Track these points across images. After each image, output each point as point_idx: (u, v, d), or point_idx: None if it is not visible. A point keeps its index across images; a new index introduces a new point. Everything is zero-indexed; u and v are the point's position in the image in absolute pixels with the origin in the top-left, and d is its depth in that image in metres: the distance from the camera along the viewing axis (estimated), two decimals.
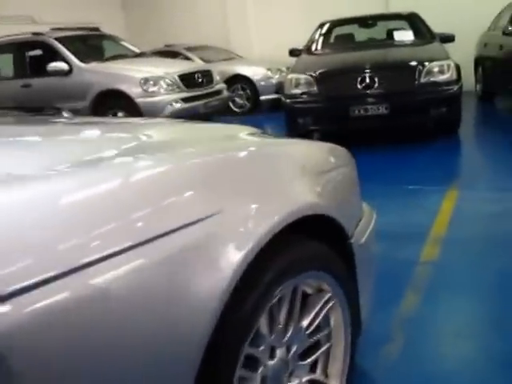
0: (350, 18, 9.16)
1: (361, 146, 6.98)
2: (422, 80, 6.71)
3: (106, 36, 11.05)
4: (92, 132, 2.13)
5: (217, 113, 9.73)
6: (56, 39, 9.44)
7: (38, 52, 9.76)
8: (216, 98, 9.47)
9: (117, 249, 1.12)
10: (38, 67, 9.26)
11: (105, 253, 1.09)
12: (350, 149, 2.31)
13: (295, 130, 7.36)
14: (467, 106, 8.34)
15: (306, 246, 1.76)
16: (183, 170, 1.42)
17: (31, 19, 13.08)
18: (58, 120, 3.26)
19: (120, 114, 8.73)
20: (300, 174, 1.82)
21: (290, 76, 7.37)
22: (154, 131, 2.02)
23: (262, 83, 11.37)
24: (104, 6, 15.26)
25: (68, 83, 8.99)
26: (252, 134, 2.15)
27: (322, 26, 8.95)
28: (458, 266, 3.49)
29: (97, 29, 13.10)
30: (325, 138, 7.77)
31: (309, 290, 1.82)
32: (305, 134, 7.28)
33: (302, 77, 7.08)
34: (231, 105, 11.45)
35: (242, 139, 2.03)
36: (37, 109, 6.79)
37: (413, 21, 8.64)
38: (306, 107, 7.08)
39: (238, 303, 1.39)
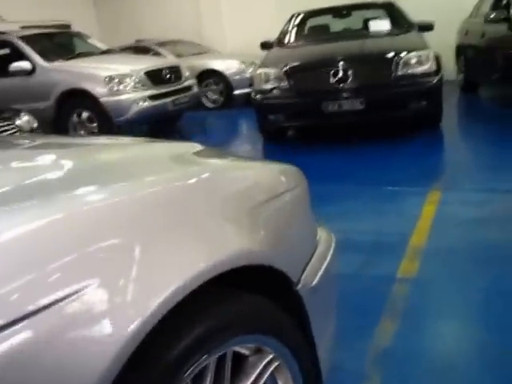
0: (324, 8, 8.83)
1: (334, 143, 6.68)
2: (399, 72, 6.37)
3: (73, 33, 10.71)
4: None
5: (188, 109, 9.43)
6: (19, 38, 9.15)
7: (3, 51, 9.42)
8: (185, 95, 9.11)
9: None
10: (1, 67, 8.92)
11: None
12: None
13: (266, 128, 7.12)
14: (449, 97, 8.11)
15: (231, 305, 1.37)
16: (56, 226, 1.07)
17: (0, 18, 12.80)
18: None
19: (85, 115, 8.46)
20: (235, 209, 1.46)
21: (259, 70, 7.04)
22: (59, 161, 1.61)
23: (236, 77, 11.11)
24: (75, 3, 15.09)
25: (31, 83, 8.71)
26: (193, 154, 1.78)
27: (294, 17, 8.63)
28: (441, 284, 3.14)
29: (68, 26, 12.82)
30: (299, 133, 7.48)
31: (245, 352, 1.43)
32: (278, 131, 7.17)
33: (272, 71, 6.75)
34: (204, 100, 11.21)
35: (167, 167, 1.64)
36: None
37: (389, 10, 8.32)
38: (276, 103, 6.75)
39: None
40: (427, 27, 7.60)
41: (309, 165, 5.49)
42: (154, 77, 8.63)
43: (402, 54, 6.43)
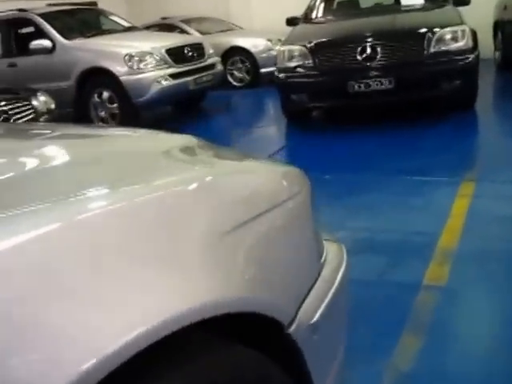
0: None
1: (360, 125, 6.39)
2: (432, 49, 6.04)
3: (96, 10, 10.54)
4: None
5: (212, 88, 9.19)
6: (40, 15, 9.01)
7: (26, 30, 9.39)
8: (208, 73, 8.85)
9: None
10: (23, 46, 8.86)
11: None
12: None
13: (289, 108, 6.87)
14: (485, 76, 7.68)
15: (201, 361, 1.05)
16: None
17: None
18: None
19: (105, 95, 8.25)
20: (218, 233, 1.13)
21: (283, 47, 6.81)
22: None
23: (263, 55, 10.88)
24: None
25: (52, 61, 8.58)
26: (181, 151, 1.50)
27: None
28: (474, 292, 2.87)
29: (94, 3, 12.63)
30: (324, 115, 7.41)
31: None
32: (301, 112, 6.96)
33: (296, 48, 6.49)
34: (230, 78, 11.04)
35: (147, 171, 1.30)
36: (10, 91, 6.33)
37: None
38: (300, 82, 6.48)
39: None
40: (463, 2, 7.23)
41: (331, 150, 5.09)
42: (176, 55, 8.39)
43: (436, 30, 6.11)
